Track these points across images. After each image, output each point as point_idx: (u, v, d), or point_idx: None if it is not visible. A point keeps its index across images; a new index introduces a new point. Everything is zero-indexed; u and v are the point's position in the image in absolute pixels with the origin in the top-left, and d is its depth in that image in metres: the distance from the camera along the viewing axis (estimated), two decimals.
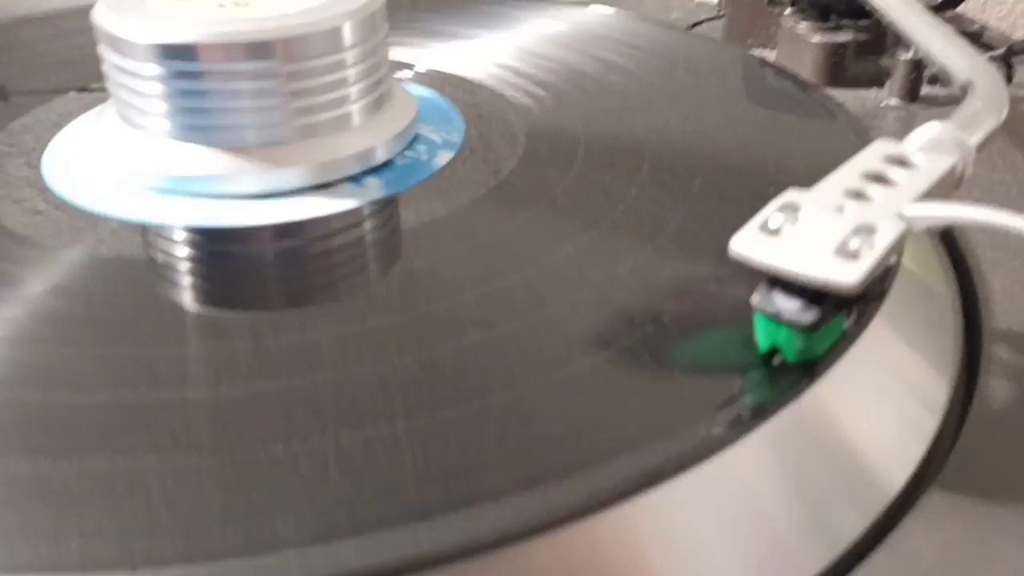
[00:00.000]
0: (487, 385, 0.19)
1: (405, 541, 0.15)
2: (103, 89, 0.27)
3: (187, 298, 0.22)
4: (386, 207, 0.25)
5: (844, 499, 0.19)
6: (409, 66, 0.34)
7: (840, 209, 0.19)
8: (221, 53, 0.24)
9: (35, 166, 0.27)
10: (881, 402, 0.21)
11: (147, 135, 0.25)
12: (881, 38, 0.38)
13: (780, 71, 0.35)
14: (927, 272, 0.25)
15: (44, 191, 0.26)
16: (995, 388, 0.21)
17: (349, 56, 0.25)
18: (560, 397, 0.18)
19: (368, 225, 0.25)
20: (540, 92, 0.32)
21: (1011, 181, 0.30)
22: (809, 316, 0.18)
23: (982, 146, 0.23)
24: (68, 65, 0.35)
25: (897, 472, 0.20)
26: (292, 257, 0.24)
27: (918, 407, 0.21)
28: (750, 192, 0.25)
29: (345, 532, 0.15)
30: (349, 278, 0.23)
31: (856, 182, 0.20)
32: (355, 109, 0.26)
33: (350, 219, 0.25)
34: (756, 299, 0.18)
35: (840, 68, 0.37)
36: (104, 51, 0.25)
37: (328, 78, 0.25)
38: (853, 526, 0.18)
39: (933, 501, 0.19)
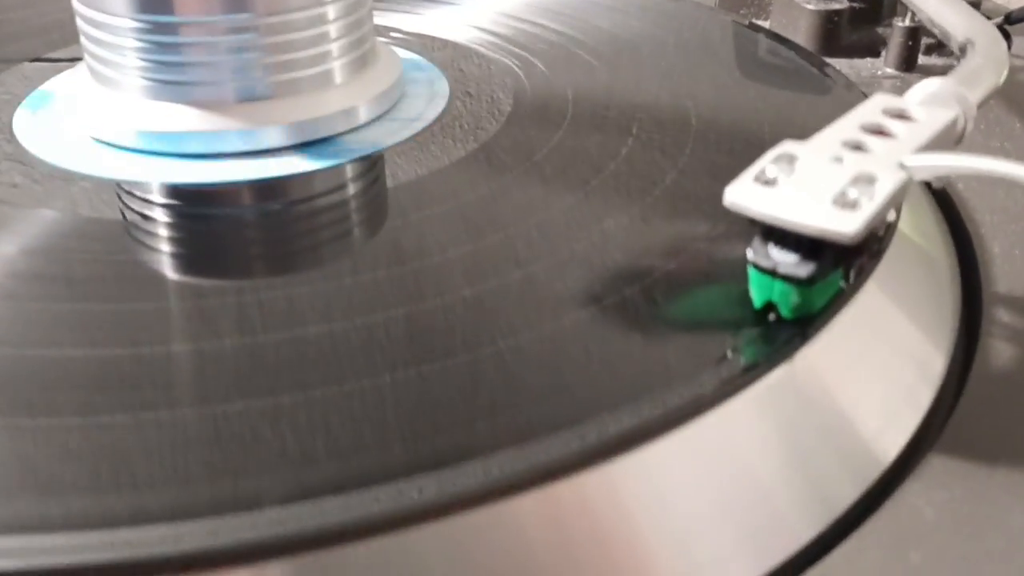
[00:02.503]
0: (476, 341, 0.18)
1: (391, 497, 0.15)
2: (61, 60, 0.26)
3: (164, 257, 0.22)
4: (369, 167, 0.25)
5: (837, 465, 0.18)
6: (396, 29, 0.33)
7: (838, 159, 0.18)
8: (197, 4, 0.23)
9: (7, 126, 0.26)
10: (876, 368, 0.20)
11: (122, 92, 0.25)
12: (877, 7, 0.37)
13: (774, 37, 0.34)
14: (924, 237, 0.25)
15: (17, 150, 0.25)
16: (996, 350, 0.21)
17: (330, 10, 0.25)
18: (550, 353, 0.18)
19: (350, 184, 0.24)
20: (529, 57, 0.31)
21: (1009, 148, 0.30)
22: (806, 269, 0.17)
23: (982, 104, 0.22)
24: (32, 34, 0.34)
25: (892, 440, 0.19)
26: (272, 215, 0.23)
27: (914, 374, 0.21)
28: (743, 155, 0.25)
29: (330, 488, 0.15)
30: (330, 236, 0.23)
31: (855, 134, 0.19)
32: (337, 66, 0.25)
33: (332, 178, 0.24)
34: (751, 253, 0.18)
35: (835, 37, 0.37)
36: (76, 5, 0.25)
37: (308, 33, 0.24)
38: (846, 493, 0.18)
39: (934, 461, 0.18)
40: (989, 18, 0.35)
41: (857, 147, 0.19)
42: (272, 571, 0.14)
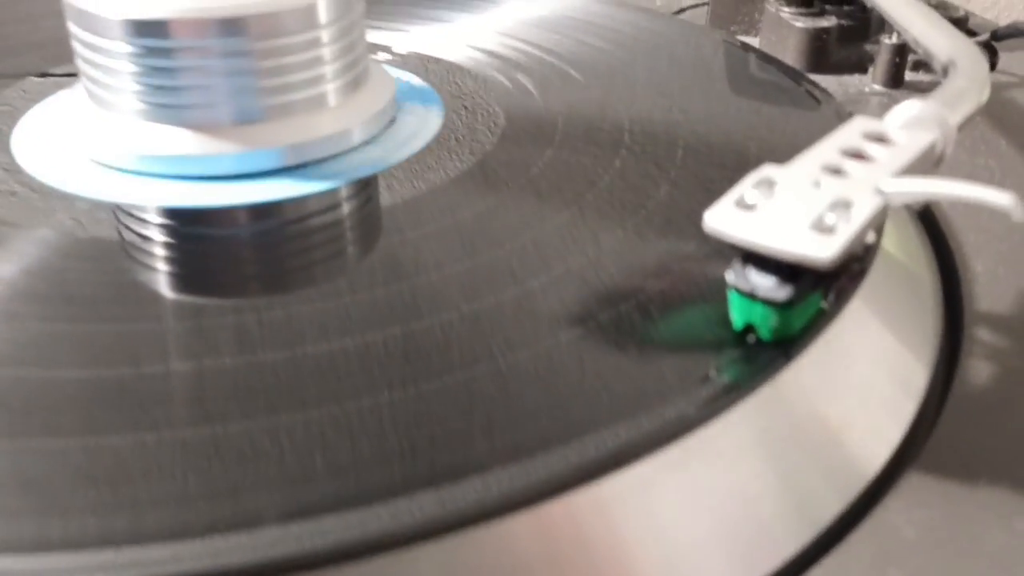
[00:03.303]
0: (472, 359, 0.18)
1: (385, 516, 0.15)
2: (64, 75, 0.26)
3: (161, 277, 0.22)
4: (364, 188, 0.25)
5: (822, 480, 0.19)
6: (388, 48, 0.34)
7: (817, 184, 0.18)
8: (193, 29, 0.23)
9: (5, 147, 0.27)
10: (859, 384, 0.20)
11: (118, 114, 0.25)
12: (865, 24, 0.38)
13: (763, 56, 0.34)
14: (908, 256, 0.25)
15: (15, 172, 0.25)
16: (977, 369, 0.21)
17: (324, 34, 0.25)
18: (538, 373, 0.18)
19: (345, 206, 0.25)
20: (522, 76, 0.32)
21: (994, 166, 0.30)
22: (784, 293, 0.17)
23: (964, 125, 0.22)
24: (34, 48, 0.34)
25: (875, 455, 0.19)
26: (269, 236, 0.23)
27: (897, 390, 0.21)
28: (730, 174, 0.25)
29: (326, 507, 0.15)
30: (326, 258, 0.23)
31: (833, 158, 0.19)
32: (331, 89, 0.26)
33: (327, 200, 0.24)
34: (731, 276, 0.18)
35: (823, 54, 0.37)
36: (73, 28, 0.25)
37: (303, 56, 0.25)
38: (831, 507, 0.18)
39: (914, 479, 0.18)
40: (977, 34, 0.35)
41: (836, 171, 0.19)
42: None
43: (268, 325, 0.19)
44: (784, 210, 0.18)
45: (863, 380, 0.20)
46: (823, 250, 0.17)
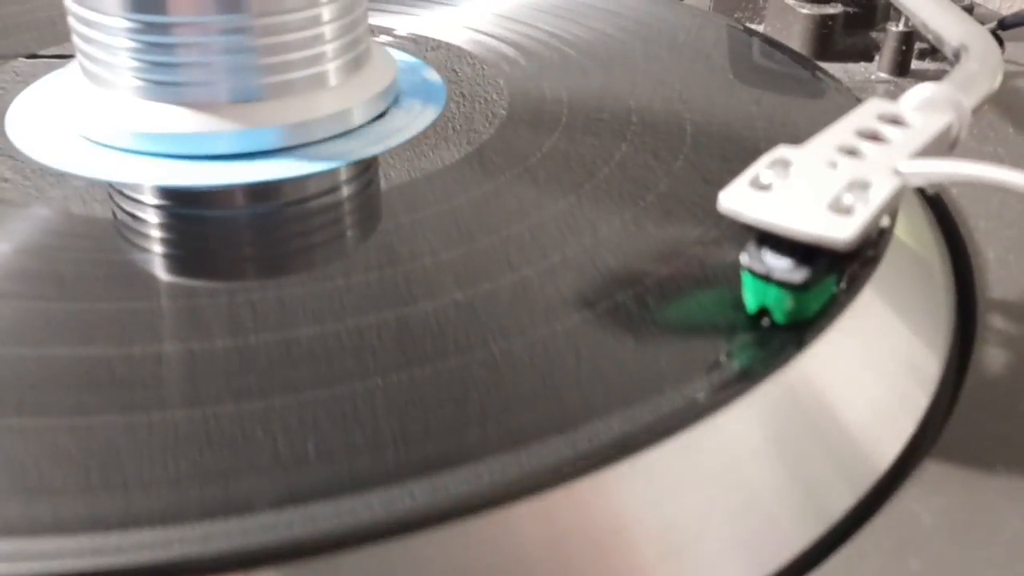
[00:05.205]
0: (469, 345, 0.18)
1: (383, 503, 0.15)
2: (52, 57, 0.26)
3: (155, 257, 0.21)
4: (363, 170, 0.24)
5: (832, 471, 0.18)
6: (390, 31, 0.33)
7: (833, 165, 0.18)
8: (192, 4, 0.23)
9: None
10: (871, 374, 0.20)
11: (114, 92, 0.24)
12: (871, 11, 0.37)
13: (768, 41, 0.34)
14: (919, 243, 0.25)
15: (9, 150, 0.25)
16: (991, 356, 0.21)
17: (325, 12, 0.24)
18: (545, 357, 0.18)
19: (343, 187, 0.24)
20: (524, 59, 0.31)
21: (1003, 153, 0.30)
22: (800, 275, 0.17)
23: (977, 110, 0.22)
24: (26, 29, 0.33)
25: (888, 446, 0.19)
26: (264, 217, 0.23)
27: (909, 380, 0.20)
28: (737, 159, 0.25)
29: (321, 494, 0.15)
30: (323, 239, 0.22)
31: (849, 139, 0.19)
32: (331, 68, 0.25)
33: (325, 181, 0.24)
34: (745, 258, 0.18)
35: (829, 41, 0.37)
36: (69, 3, 0.24)
37: (303, 34, 0.24)
38: (842, 499, 0.18)
39: (931, 467, 0.18)
40: (983, 23, 0.35)
41: (852, 152, 0.19)
42: None
43: (262, 307, 0.19)
44: (800, 190, 0.17)
45: (875, 370, 0.20)
46: (841, 231, 0.16)
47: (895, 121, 0.20)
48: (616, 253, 0.21)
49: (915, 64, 0.36)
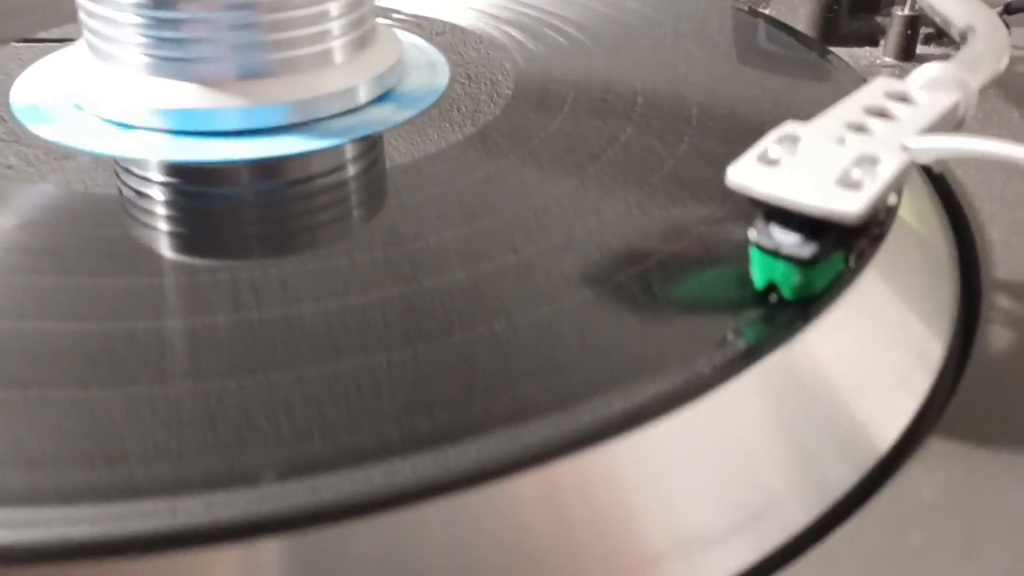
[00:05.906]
0: (472, 322, 0.18)
1: (385, 475, 0.15)
2: (49, 41, 0.26)
3: (160, 234, 0.21)
4: (368, 148, 0.24)
5: (835, 449, 0.18)
6: (395, 11, 0.33)
7: (841, 140, 0.18)
8: None
9: (2, 102, 0.26)
10: (875, 353, 0.20)
11: (120, 68, 0.24)
12: None
13: (774, 23, 0.34)
14: (923, 224, 0.25)
15: (14, 125, 0.25)
16: (996, 336, 0.21)
17: None
18: (549, 334, 0.18)
19: (348, 165, 0.24)
20: (529, 40, 0.31)
21: (1007, 137, 0.30)
22: (808, 250, 0.17)
23: (983, 89, 0.22)
24: (24, 12, 0.33)
25: (890, 426, 0.19)
26: (269, 194, 0.23)
27: (913, 359, 0.21)
28: (743, 141, 0.25)
29: (326, 466, 0.15)
30: (327, 217, 0.22)
31: (857, 116, 0.19)
32: (337, 46, 0.25)
33: (329, 158, 0.24)
34: (753, 233, 0.18)
35: (834, 25, 0.37)
36: None
37: (309, 11, 0.24)
38: (844, 478, 0.18)
39: (934, 444, 0.18)
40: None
41: (860, 129, 0.19)
42: (266, 548, 0.14)
43: (264, 284, 0.19)
44: (809, 165, 0.17)
45: (879, 349, 0.20)
46: (850, 204, 0.16)
47: (903, 99, 0.20)
48: (621, 233, 0.21)
49: (920, 49, 0.36)
